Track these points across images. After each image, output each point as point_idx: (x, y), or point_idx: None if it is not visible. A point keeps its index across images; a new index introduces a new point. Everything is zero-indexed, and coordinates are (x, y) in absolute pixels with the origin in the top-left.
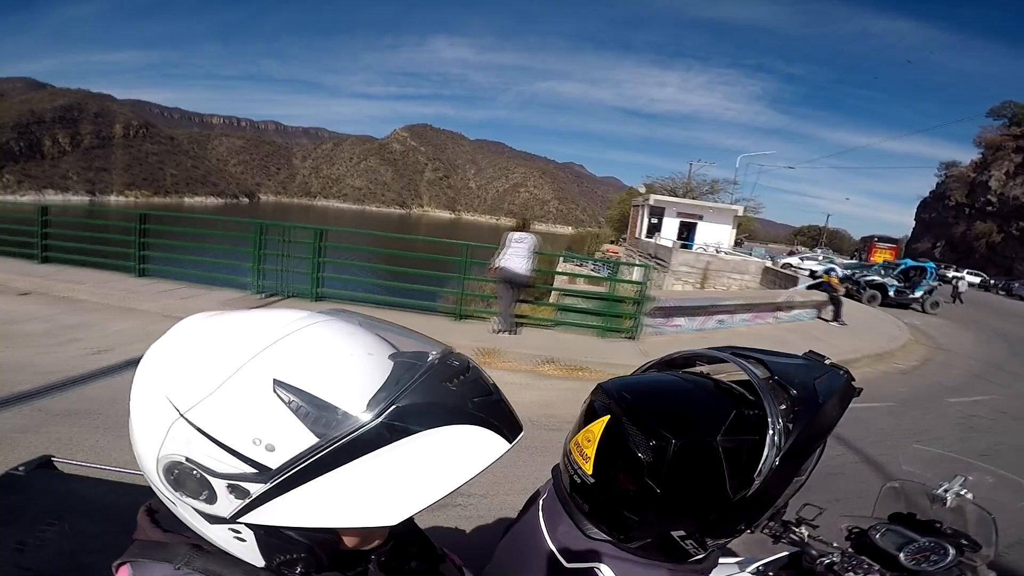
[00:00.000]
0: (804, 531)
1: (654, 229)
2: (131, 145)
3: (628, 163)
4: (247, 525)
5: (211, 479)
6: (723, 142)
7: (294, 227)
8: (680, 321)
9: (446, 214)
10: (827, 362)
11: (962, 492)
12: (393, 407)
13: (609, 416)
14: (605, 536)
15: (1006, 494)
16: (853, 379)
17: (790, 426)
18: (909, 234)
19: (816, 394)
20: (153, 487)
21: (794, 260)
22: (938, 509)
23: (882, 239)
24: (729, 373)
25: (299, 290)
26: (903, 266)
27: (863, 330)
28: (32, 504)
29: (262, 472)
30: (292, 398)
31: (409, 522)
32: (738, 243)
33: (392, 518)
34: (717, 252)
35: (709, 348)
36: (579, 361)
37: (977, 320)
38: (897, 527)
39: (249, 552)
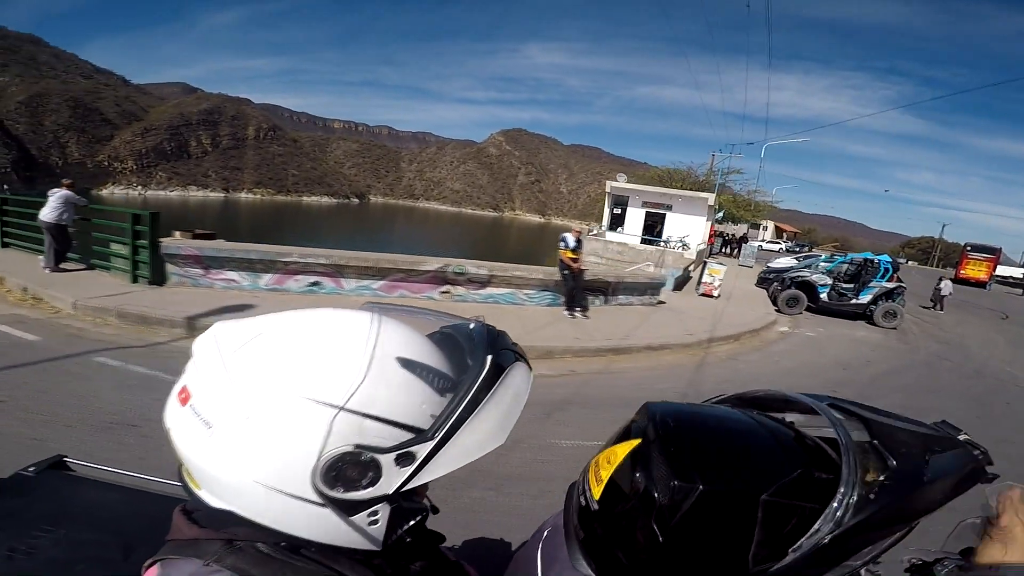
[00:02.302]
0: (856, 562)
1: (618, 222)
2: (260, 146)
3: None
4: (387, 501)
5: (379, 457)
6: (853, 148)
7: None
8: (232, 275)
9: (536, 218)
10: (962, 437)
11: None
12: (491, 357)
13: (640, 440)
14: (591, 574)
15: None
16: (990, 462)
17: (870, 498)
18: None
19: (923, 470)
20: (274, 502)
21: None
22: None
23: (975, 248)
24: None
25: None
26: (841, 260)
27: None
28: (33, 508)
29: (422, 434)
30: (419, 370)
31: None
32: (796, 247)
33: (503, 438)
34: (672, 247)
35: (806, 394)
36: None
37: (954, 340)
38: (967, 564)
39: (376, 533)
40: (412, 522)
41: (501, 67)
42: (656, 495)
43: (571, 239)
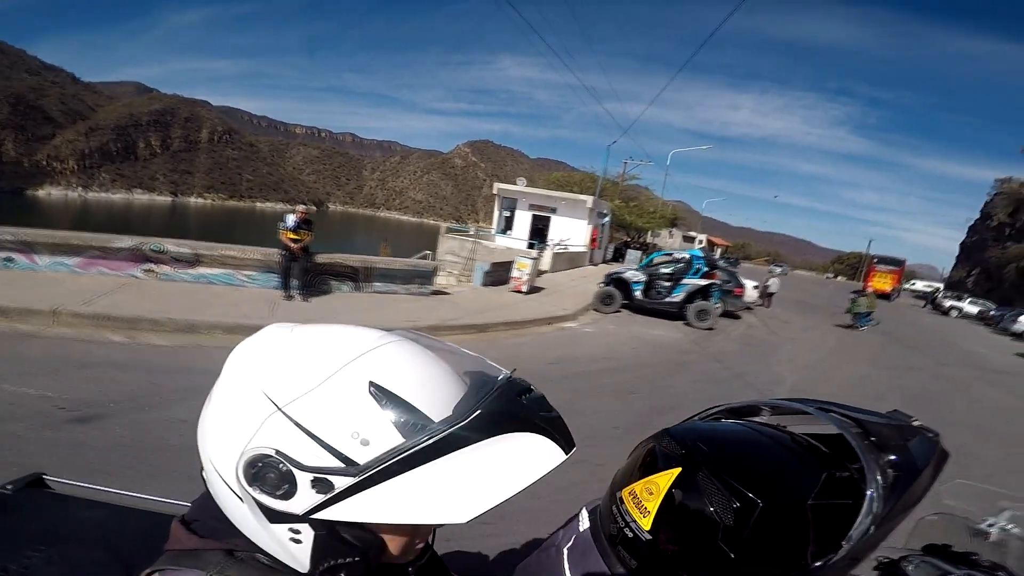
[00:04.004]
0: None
1: (508, 225)
2: (214, 150)
3: (697, 187)
4: (311, 524)
5: (297, 472)
6: (803, 167)
7: None
8: None
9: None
10: (915, 423)
11: (1008, 527)
12: (478, 412)
13: (681, 469)
14: None
15: None
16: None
17: (891, 488)
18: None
19: (915, 459)
20: (215, 483)
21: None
22: (978, 542)
23: (883, 260)
24: (792, 423)
25: None
26: (655, 256)
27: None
28: (21, 526)
29: (351, 466)
30: (385, 400)
31: (430, 546)
32: (730, 259)
33: (465, 515)
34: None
35: (789, 399)
36: None
37: (757, 343)
38: (931, 559)
39: (299, 554)
40: (344, 560)
41: (472, 78)
42: (720, 517)
43: (291, 219)
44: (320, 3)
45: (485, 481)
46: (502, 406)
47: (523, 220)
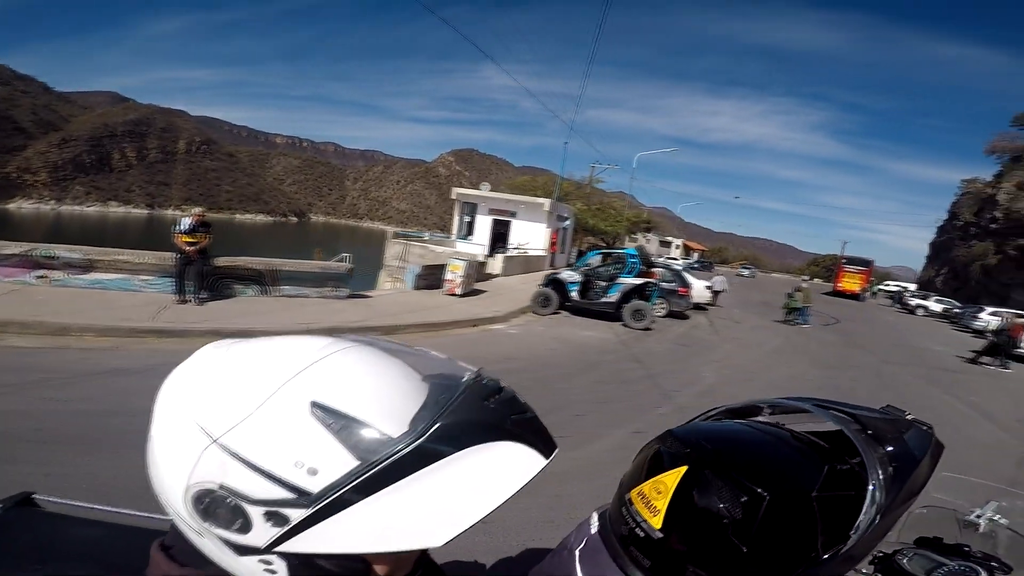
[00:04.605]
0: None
1: (469, 230)
2: (192, 161)
3: (679, 193)
4: (280, 555)
5: (247, 506)
6: (781, 173)
7: None
8: None
9: None
10: (908, 417)
11: (996, 517)
12: (437, 426)
13: (687, 467)
14: None
15: None
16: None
17: (892, 478)
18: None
19: (912, 451)
20: (176, 519)
21: None
22: (968, 534)
23: (851, 260)
24: (792, 422)
25: None
26: (591, 255)
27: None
28: (14, 545)
29: (303, 496)
30: (332, 420)
31: (425, 557)
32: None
33: (440, 539)
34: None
35: (787, 398)
36: None
37: (683, 343)
38: (924, 551)
39: None
40: None
41: (455, 87)
42: (729, 512)
43: (186, 222)
44: (302, 11)
45: (459, 499)
46: (466, 415)
47: (483, 225)
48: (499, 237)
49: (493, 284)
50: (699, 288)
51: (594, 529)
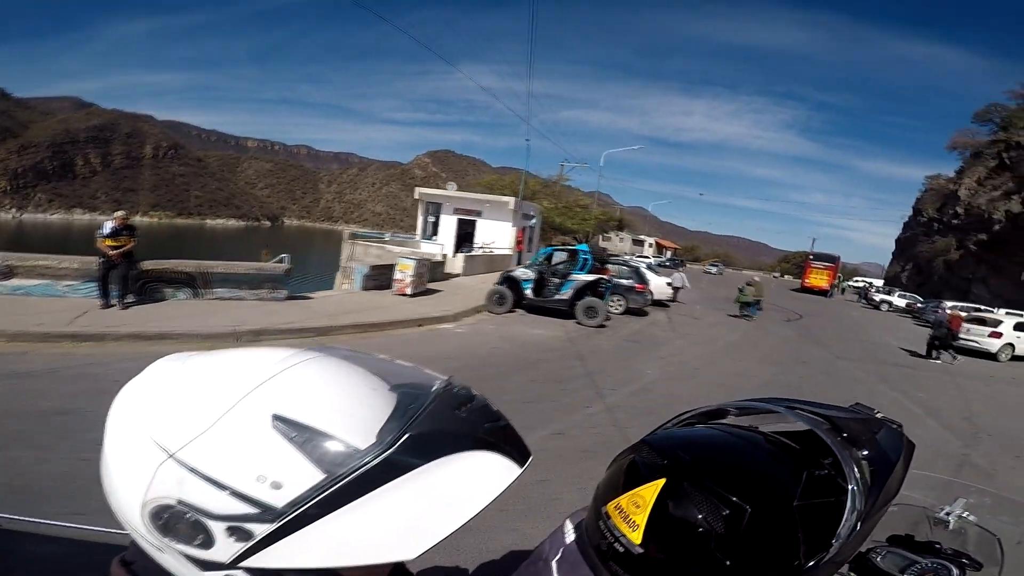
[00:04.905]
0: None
1: (434, 230)
2: (159, 166)
3: (654, 192)
4: (246, 570)
5: (208, 521)
6: (755, 171)
7: None
8: None
9: None
10: (878, 415)
11: (965, 514)
12: (406, 436)
13: (665, 480)
14: None
15: (1005, 515)
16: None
17: (870, 484)
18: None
19: (887, 453)
20: (134, 535)
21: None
22: (938, 531)
23: (817, 256)
24: (758, 421)
25: None
26: (544, 252)
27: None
28: None
29: (267, 511)
30: (295, 433)
31: (400, 566)
32: (676, 260)
33: (411, 552)
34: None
35: (757, 399)
36: None
37: (632, 340)
38: (897, 549)
39: None
40: None
41: (430, 88)
42: (711, 526)
43: (109, 226)
44: (271, 13)
45: (430, 511)
46: (436, 425)
47: (448, 225)
48: (465, 237)
49: (452, 284)
50: (660, 285)
51: (569, 539)
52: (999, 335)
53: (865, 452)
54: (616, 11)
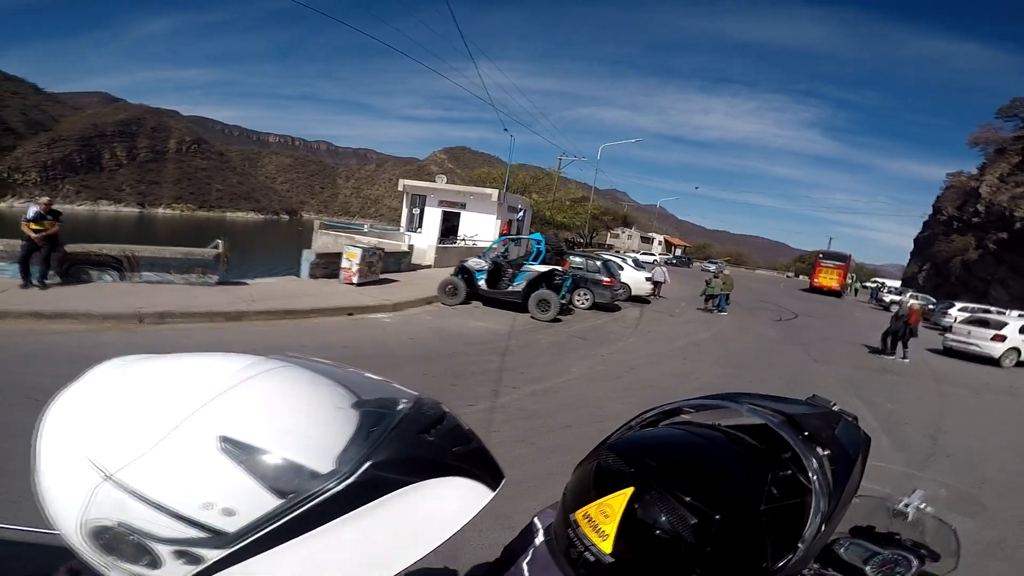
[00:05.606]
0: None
1: (418, 222)
2: (182, 160)
3: (671, 190)
4: None
5: (153, 544)
6: (775, 170)
7: None
8: None
9: None
10: (835, 407)
11: (922, 506)
12: (367, 465)
13: (632, 489)
14: None
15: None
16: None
17: (832, 484)
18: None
19: (847, 449)
20: (74, 551)
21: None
22: (897, 523)
23: (828, 255)
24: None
25: None
26: (497, 241)
27: None
28: None
29: (218, 536)
30: (247, 457)
31: None
32: (683, 258)
33: None
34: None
35: (717, 396)
36: None
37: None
38: (859, 541)
39: None
40: None
41: (447, 85)
42: (680, 535)
43: (33, 211)
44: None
45: (393, 541)
46: (400, 450)
47: (433, 216)
48: (450, 229)
49: (418, 275)
50: (638, 280)
51: (539, 540)
52: (1003, 338)
53: (827, 452)
54: (633, 8)
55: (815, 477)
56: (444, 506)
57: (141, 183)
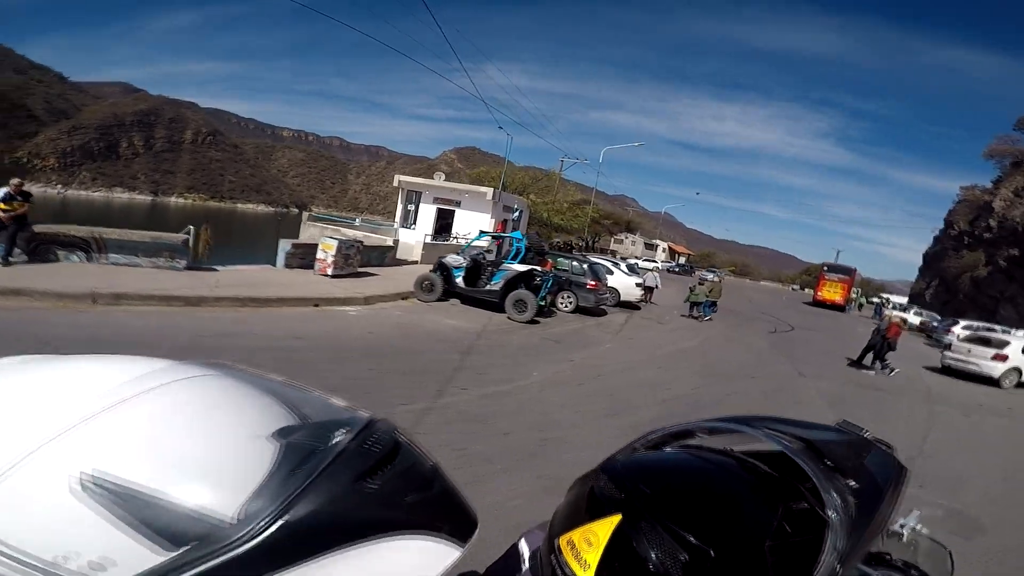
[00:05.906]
0: None
1: (412, 218)
2: (197, 151)
3: (681, 197)
4: None
5: None
6: (785, 178)
7: None
8: None
9: None
10: (867, 435)
11: (917, 527)
12: (280, 520)
13: (621, 517)
14: None
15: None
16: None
17: (855, 520)
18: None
19: (876, 482)
20: None
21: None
22: (891, 543)
23: (832, 268)
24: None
25: None
26: (476, 239)
27: None
28: None
29: None
30: (121, 500)
31: None
32: (686, 266)
33: None
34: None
35: (727, 419)
36: None
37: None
38: None
39: None
40: None
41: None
42: (668, 571)
43: (2, 191)
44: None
45: None
46: (329, 503)
47: (427, 214)
48: (444, 227)
49: (401, 270)
50: (627, 284)
51: (525, 566)
52: (1004, 358)
53: (851, 483)
54: (648, 14)
55: (833, 508)
56: (391, 571)
57: (156, 172)
